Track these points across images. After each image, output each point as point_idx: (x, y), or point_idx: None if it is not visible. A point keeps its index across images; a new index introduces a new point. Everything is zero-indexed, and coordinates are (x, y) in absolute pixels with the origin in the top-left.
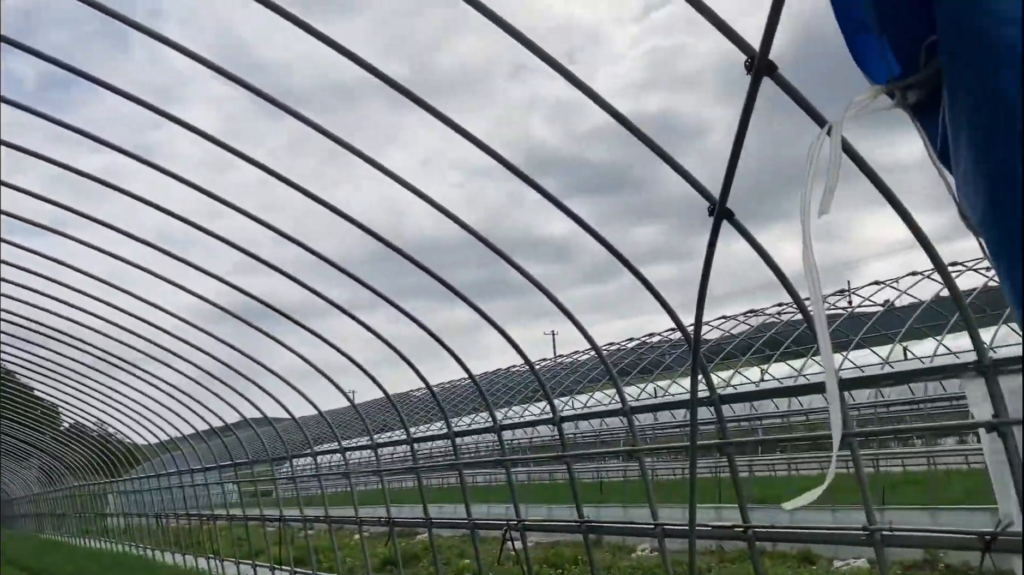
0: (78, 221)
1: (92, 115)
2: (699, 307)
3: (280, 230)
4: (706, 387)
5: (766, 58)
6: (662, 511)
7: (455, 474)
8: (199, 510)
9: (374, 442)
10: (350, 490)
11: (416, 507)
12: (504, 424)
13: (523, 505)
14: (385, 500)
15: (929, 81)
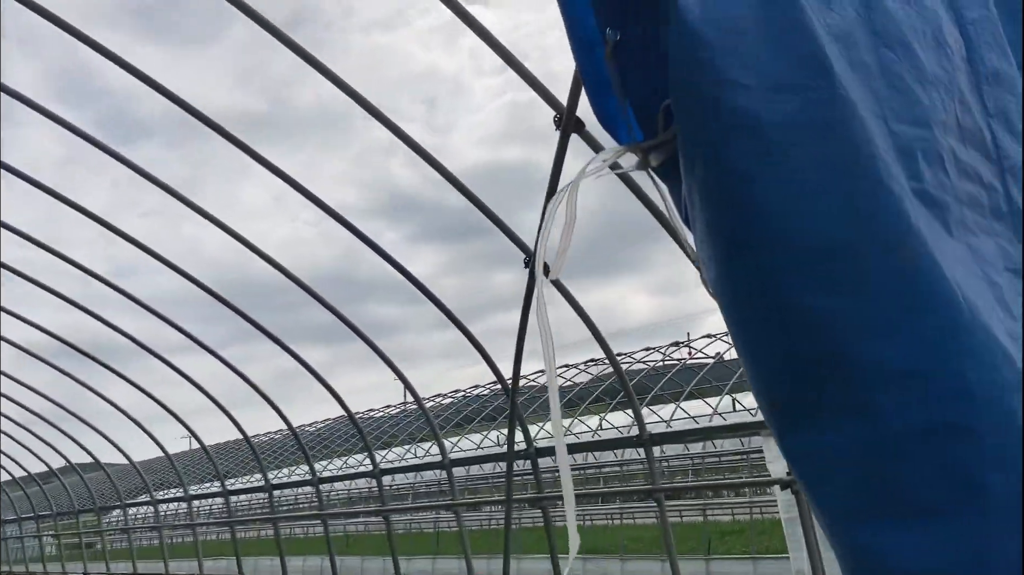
0: None
1: None
2: (517, 359)
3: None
4: (523, 439)
5: (573, 115)
6: (494, 562)
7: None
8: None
9: (188, 494)
10: (160, 543)
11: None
12: (323, 477)
13: (346, 557)
14: (197, 554)
15: (668, 144)
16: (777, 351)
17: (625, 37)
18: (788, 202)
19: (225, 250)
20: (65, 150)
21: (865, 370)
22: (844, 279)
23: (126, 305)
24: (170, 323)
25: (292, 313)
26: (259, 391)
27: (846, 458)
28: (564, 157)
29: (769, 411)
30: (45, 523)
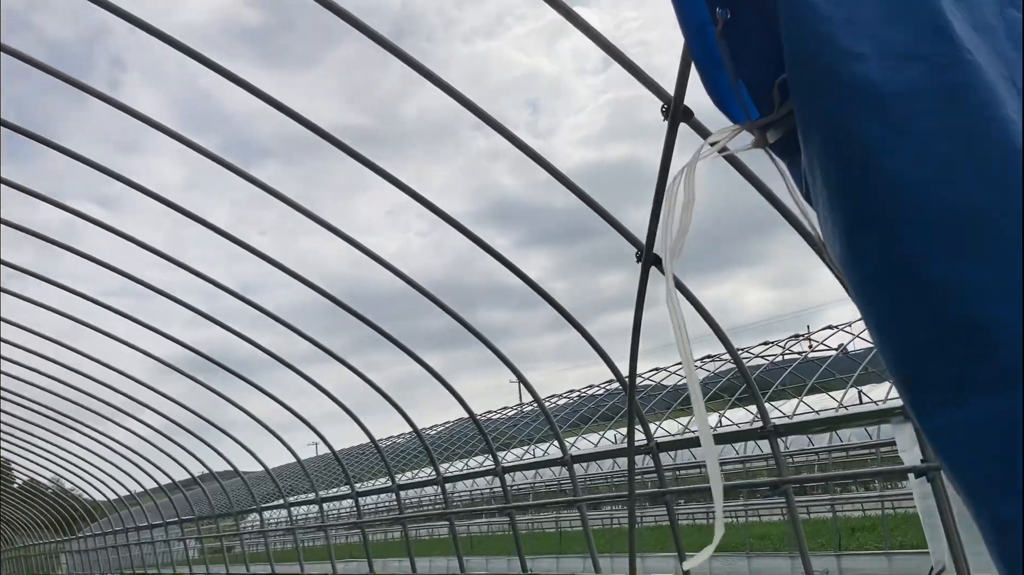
0: (30, 278)
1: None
2: (632, 356)
3: (231, 289)
4: (643, 435)
5: (681, 104)
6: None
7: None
8: (145, 569)
9: (319, 498)
10: (295, 546)
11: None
12: (447, 476)
13: (477, 557)
14: (330, 556)
15: (785, 120)
16: (912, 325)
17: (736, 15)
18: (917, 171)
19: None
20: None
21: (1008, 340)
22: (981, 246)
23: (249, 321)
24: (300, 334)
25: (406, 322)
26: (385, 395)
27: (990, 431)
28: (673, 147)
29: (905, 388)
30: (188, 527)
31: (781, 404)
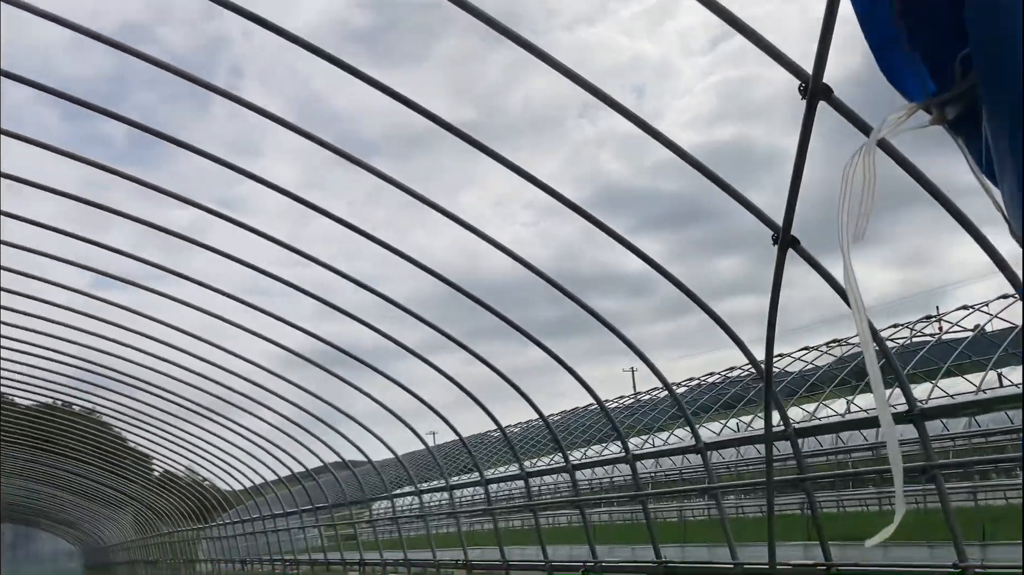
0: (165, 275)
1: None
2: (769, 340)
3: (355, 278)
4: (781, 421)
5: (820, 82)
6: (748, 550)
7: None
8: (282, 555)
9: (449, 484)
10: (427, 533)
11: (493, 549)
12: (577, 464)
13: (601, 546)
14: (461, 543)
15: (966, 95)
16: None
17: None
18: None
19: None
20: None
21: None
22: None
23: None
24: (434, 327)
25: (514, 313)
26: (511, 383)
27: None
28: (812, 126)
29: None
30: (321, 515)
31: (912, 388)
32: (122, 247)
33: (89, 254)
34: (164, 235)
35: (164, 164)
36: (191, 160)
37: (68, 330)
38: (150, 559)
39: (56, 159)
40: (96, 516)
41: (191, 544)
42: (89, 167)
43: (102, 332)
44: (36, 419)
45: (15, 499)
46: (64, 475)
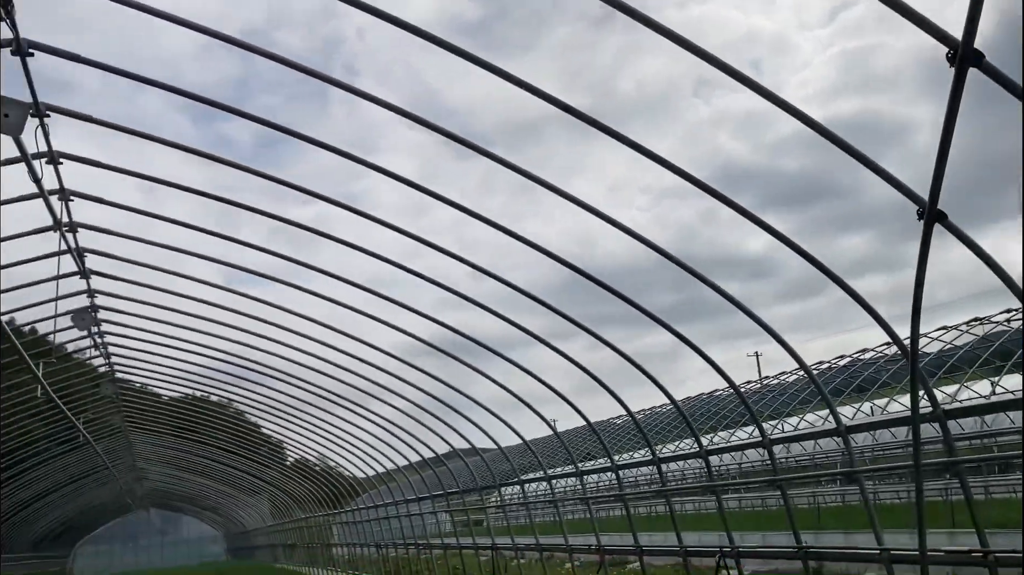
0: (294, 269)
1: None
2: (915, 318)
3: (478, 265)
4: (928, 402)
5: (971, 47)
6: (888, 537)
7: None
8: (415, 539)
9: (579, 470)
10: (558, 518)
11: (623, 535)
12: (711, 449)
13: (734, 533)
14: (593, 528)
15: None
16: None
17: None
18: None
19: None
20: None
21: None
22: None
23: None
24: (559, 312)
25: (636, 297)
26: (640, 368)
27: None
28: (961, 94)
29: None
30: (452, 500)
31: None
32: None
33: (223, 251)
34: (291, 231)
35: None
36: (312, 160)
37: (205, 322)
38: (289, 543)
39: (188, 163)
40: (236, 502)
41: (325, 529)
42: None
43: (237, 324)
44: (178, 410)
45: (162, 486)
46: (205, 462)
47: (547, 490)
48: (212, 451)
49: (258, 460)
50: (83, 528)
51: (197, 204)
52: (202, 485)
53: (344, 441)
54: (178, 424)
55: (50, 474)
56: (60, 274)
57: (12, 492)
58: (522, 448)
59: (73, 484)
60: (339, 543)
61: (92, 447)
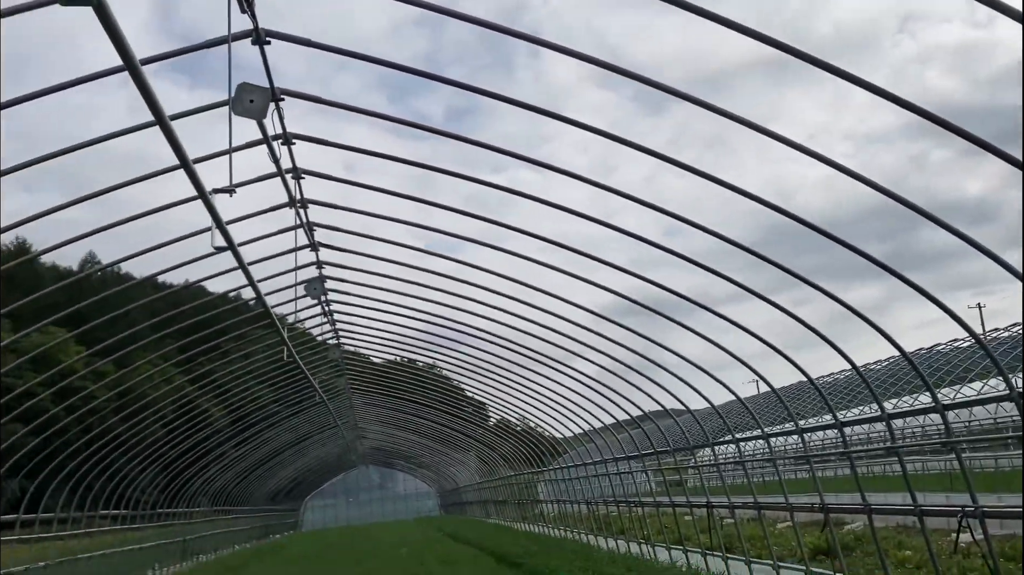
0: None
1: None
2: None
3: (674, 212)
4: None
5: None
6: None
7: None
8: (626, 497)
9: (799, 427)
10: (777, 477)
11: (838, 495)
12: (948, 404)
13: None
14: (816, 486)
15: None
16: None
17: None
18: None
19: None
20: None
21: None
22: None
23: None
24: (772, 262)
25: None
26: (866, 318)
27: None
28: None
29: None
30: (648, 461)
31: None
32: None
33: (424, 216)
34: (484, 197)
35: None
36: (498, 128)
37: (412, 286)
38: (499, 499)
39: (386, 138)
40: (447, 459)
41: (531, 486)
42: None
43: (439, 287)
44: (387, 374)
45: (379, 444)
46: (416, 421)
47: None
48: (422, 410)
49: (464, 419)
50: (311, 484)
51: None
52: (415, 443)
53: (545, 401)
54: (390, 386)
55: (280, 435)
56: (297, 246)
57: (249, 452)
58: (723, 407)
59: (301, 444)
60: (546, 500)
61: (326, 406)
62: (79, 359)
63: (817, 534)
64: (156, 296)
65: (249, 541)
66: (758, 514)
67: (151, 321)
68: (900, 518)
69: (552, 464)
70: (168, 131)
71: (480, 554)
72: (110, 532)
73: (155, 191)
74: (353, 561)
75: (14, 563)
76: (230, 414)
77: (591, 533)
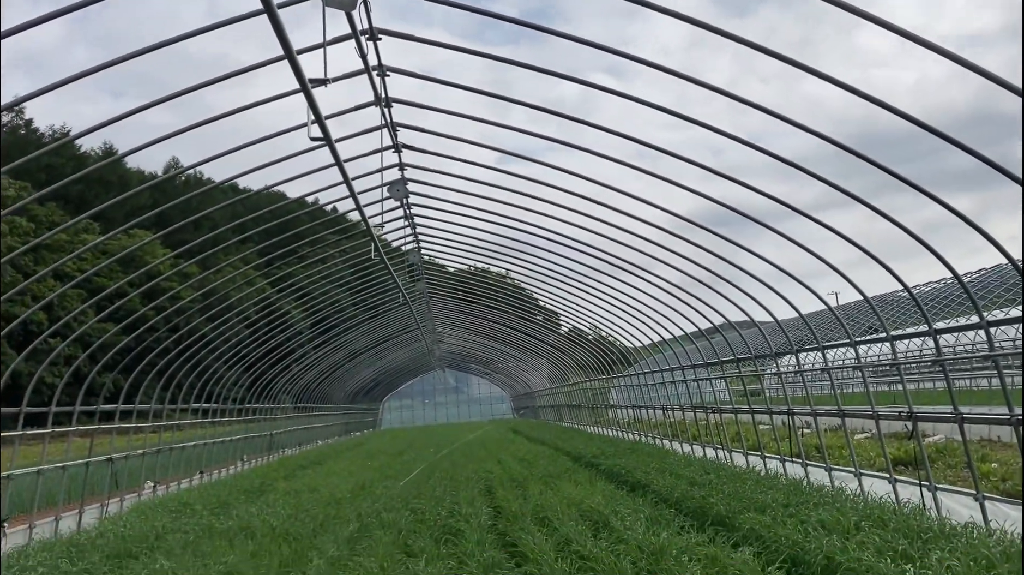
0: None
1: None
2: None
3: (744, 139)
4: None
5: None
6: None
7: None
8: (704, 405)
9: (890, 335)
10: (864, 388)
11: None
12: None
13: None
14: (904, 393)
15: None
16: None
17: None
18: None
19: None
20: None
21: None
22: None
23: (758, 172)
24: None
25: (926, 162)
26: (921, 241)
27: None
28: None
29: None
30: (724, 368)
31: None
32: (522, 127)
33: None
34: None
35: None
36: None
37: (486, 188)
38: (573, 403)
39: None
40: (520, 364)
41: (601, 393)
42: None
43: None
44: (462, 281)
45: (454, 348)
46: (489, 326)
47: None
48: (496, 316)
49: (535, 328)
50: (389, 385)
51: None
52: (489, 348)
53: (618, 309)
54: (466, 292)
55: (359, 338)
56: (383, 146)
57: (329, 354)
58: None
59: (380, 347)
60: (621, 405)
61: (408, 307)
62: (165, 260)
63: (897, 446)
64: (236, 199)
65: (331, 438)
66: (841, 422)
67: (232, 223)
68: (984, 432)
69: (623, 371)
70: (274, 18)
71: (556, 453)
72: (199, 426)
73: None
74: (431, 455)
75: (113, 451)
76: (310, 316)
77: (665, 438)
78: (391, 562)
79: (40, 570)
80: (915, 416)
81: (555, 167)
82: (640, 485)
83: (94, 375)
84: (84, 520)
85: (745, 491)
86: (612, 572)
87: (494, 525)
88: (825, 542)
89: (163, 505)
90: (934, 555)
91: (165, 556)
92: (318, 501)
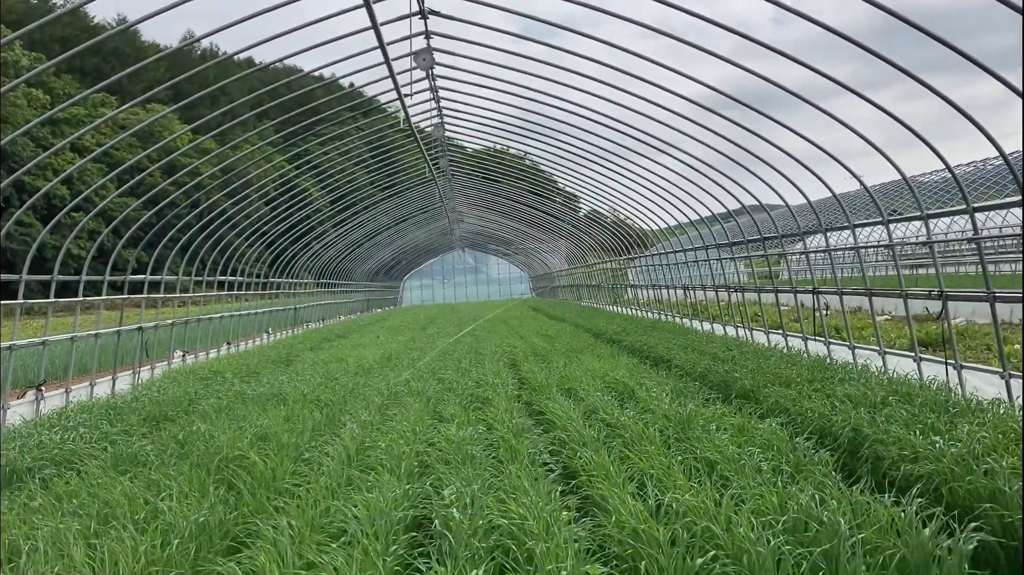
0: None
1: None
2: None
3: (783, 4)
4: None
5: None
6: None
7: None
8: (728, 284)
9: (925, 213)
10: (895, 270)
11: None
12: None
13: None
14: (937, 273)
15: None
16: None
17: None
18: None
19: None
20: None
21: None
22: None
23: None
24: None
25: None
26: (968, 116)
27: None
28: None
29: None
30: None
31: None
32: None
33: None
34: None
35: None
36: None
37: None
38: (592, 283)
39: None
40: (539, 245)
41: (619, 273)
42: None
43: (536, 72)
44: (481, 161)
45: (475, 228)
46: (509, 205)
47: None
48: (516, 195)
49: (555, 209)
50: (409, 264)
51: None
52: (508, 227)
53: (636, 192)
54: (487, 171)
55: (378, 216)
56: (411, 12)
57: (349, 231)
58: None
59: (400, 225)
60: (641, 285)
61: (433, 183)
62: (182, 133)
63: (918, 327)
64: (251, 71)
65: (353, 314)
66: (869, 301)
67: (248, 96)
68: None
69: (640, 253)
70: None
71: (577, 330)
72: (224, 299)
73: None
74: (454, 329)
75: (140, 322)
76: (329, 194)
77: (685, 317)
78: (423, 426)
79: (81, 430)
80: (945, 295)
81: (583, 34)
82: (663, 360)
83: (119, 250)
84: (117, 386)
85: (769, 367)
86: (640, 439)
87: (519, 395)
88: (852, 415)
89: (193, 373)
90: (963, 428)
91: (200, 419)
92: (346, 371)
